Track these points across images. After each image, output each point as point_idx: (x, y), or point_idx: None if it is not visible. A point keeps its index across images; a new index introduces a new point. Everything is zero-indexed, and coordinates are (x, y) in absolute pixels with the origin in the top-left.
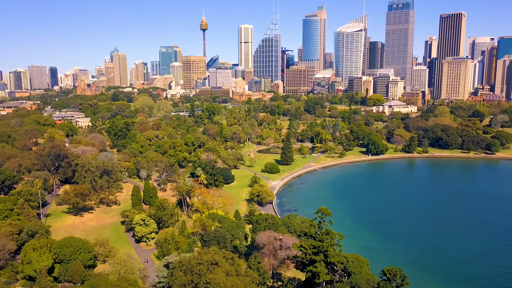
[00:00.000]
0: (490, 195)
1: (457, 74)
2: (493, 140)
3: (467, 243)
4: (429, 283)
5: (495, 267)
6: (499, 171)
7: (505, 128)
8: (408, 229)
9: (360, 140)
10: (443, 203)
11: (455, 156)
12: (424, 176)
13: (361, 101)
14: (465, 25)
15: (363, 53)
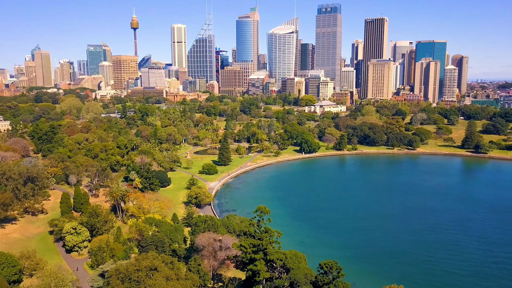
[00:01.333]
0: (413, 187)
1: (381, 75)
2: (414, 136)
3: (396, 234)
4: (363, 273)
5: (421, 253)
6: (419, 164)
7: (424, 125)
8: (342, 223)
9: (294, 139)
10: (372, 197)
11: (381, 152)
12: (354, 171)
13: (294, 101)
14: (387, 29)
15: (295, 55)
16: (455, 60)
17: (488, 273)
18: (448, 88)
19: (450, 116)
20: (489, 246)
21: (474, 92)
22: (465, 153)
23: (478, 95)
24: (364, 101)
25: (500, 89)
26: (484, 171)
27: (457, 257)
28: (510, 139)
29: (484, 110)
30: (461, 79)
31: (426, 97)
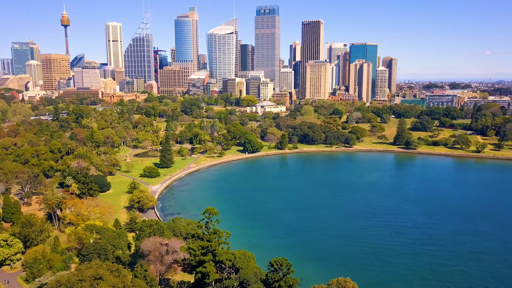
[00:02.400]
0: (351, 182)
1: (318, 76)
2: (350, 134)
3: (338, 228)
4: (311, 268)
5: (364, 245)
6: (356, 161)
7: (359, 124)
8: (287, 221)
9: (237, 140)
10: (314, 193)
11: (321, 150)
12: (296, 169)
13: (235, 101)
14: (323, 31)
15: (235, 55)
16: (386, 62)
17: (423, 261)
18: (380, 88)
19: (382, 114)
20: (423, 233)
21: (403, 92)
22: (397, 149)
23: (407, 94)
24: (303, 101)
25: (425, 89)
26: (413, 165)
27: (397, 245)
28: (435, 135)
29: (413, 109)
30: (391, 79)
31: (360, 97)
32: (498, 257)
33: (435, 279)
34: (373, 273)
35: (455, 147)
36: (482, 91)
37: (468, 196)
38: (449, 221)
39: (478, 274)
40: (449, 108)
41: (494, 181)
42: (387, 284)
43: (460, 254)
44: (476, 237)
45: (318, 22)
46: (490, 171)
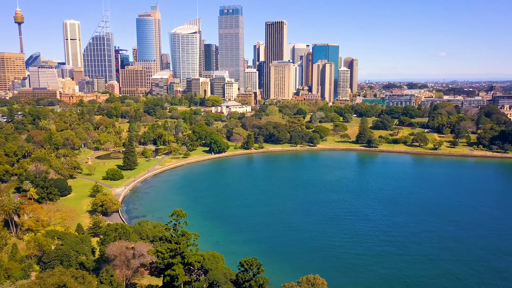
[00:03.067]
0: (316, 181)
1: (282, 76)
2: (314, 134)
3: (305, 225)
4: (280, 266)
5: (329, 241)
6: (320, 160)
7: (323, 123)
8: (255, 220)
9: (203, 140)
10: (280, 192)
11: (286, 149)
12: (262, 169)
13: (200, 102)
14: (286, 32)
15: (199, 55)
16: (347, 62)
17: (386, 251)
18: (342, 88)
19: (345, 114)
20: (384, 228)
21: (364, 92)
22: (359, 148)
23: (367, 94)
24: (268, 101)
25: (385, 89)
26: (375, 163)
27: (360, 241)
28: (395, 133)
29: (373, 108)
30: (352, 79)
31: (323, 97)
32: (457, 245)
33: (397, 272)
34: (340, 269)
35: (414, 145)
36: (437, 91)
37: (426, 192)
38: (409, 216)
39: (419, 252)
40: (408, 107)
41: (449, 177)
42: (355, 279)
43: (416, 249)
44: (431, 233)
45: (281, 22)
46: (446, 167)
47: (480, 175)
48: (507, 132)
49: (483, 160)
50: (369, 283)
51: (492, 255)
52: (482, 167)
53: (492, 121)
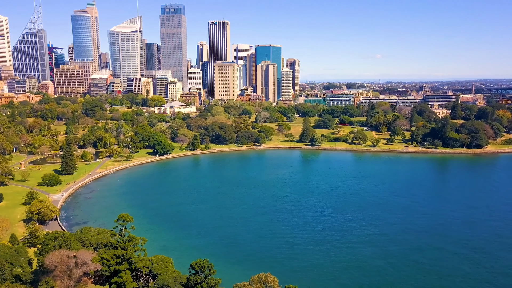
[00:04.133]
0: (261, 180)
1: (227, 76)
2: (260, 133)
3: (253, 225)
4: (231, 267)
5: (278, 239)
6: (266, 159)
7: (267, 123)
8: (202, 221)
9: (146, 142)
10: (228, 192)
11: (232, 149)
12: (209, 170)
13: (142, 102)
14: (229, 32)
15: (140, 54)
16: (289, 63)
17: (333, 246)
18: (285, 88)
19: (288, 114)
20: (328, 223)
21: (305, 92)
22: (303, 146)
23: (309, 94)
24: (213, 102)
25: (325, 89)
26: (318, 161)
27: (308, 235)
28: (336, 132)
29: (315, 108)
30: (294, 80)
31: (267, 97)
32: (389, 238)
33: (345, 262)
34: (290, 266)
35: (354, 143)
36: (374, 91)
37: (366, 187)
38: (349, 211)
39: (364, 244)
40: (347, 107)
41: (387, 172)
42: (304, 274)
43: (357, 237)
44: (371, 224)
45: (224, 23)
46: (384, 163)
47: (414, 169)
48: (436, 130)
49: (417, 155)
50: (317, 276)
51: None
52: (416, 162)
53: (424, 119)
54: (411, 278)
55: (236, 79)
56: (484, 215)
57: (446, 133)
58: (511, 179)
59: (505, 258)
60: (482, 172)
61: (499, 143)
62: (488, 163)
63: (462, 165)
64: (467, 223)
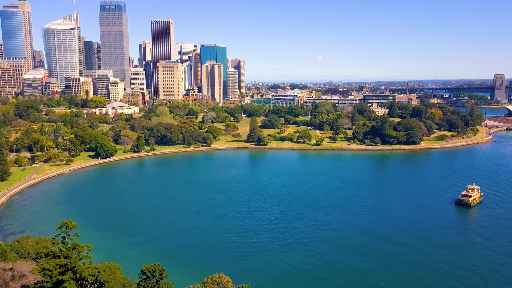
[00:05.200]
0: (209, 181)
1: (171, 76)
2: (207, 134)
3: (202, 227)
4: (183, 269)
5: (229, 240)
6: (214, 159)
7: (215, 123)
8: (148, 226)
9: (87, 144)
10: (175, 194)
11: (179, 151)
12: (154, 172)
13: (82, 103)
14: (173, 31)
15: (78, 53)
16: (235, 64)
17: (284, 238)
18: (231, 89)
19: (235, 114)
20: (277, 222)
21: (251, 93)
22: (251, 146)
23: (255, 95)
24: (157, 102)
25: (270, 89)
26: (266, 160)
27: (259, 234)
28: (282, 131)
29: (261, 108)
30: (240, 80)
31: (213, 97)
32: (329, 226)
33: (299, 260)
34: (242, 266)
35: (299, 141)
36: (317, 91)
37: (312, 184)
38: (298, 209)
39: (315, 241)
40: (292, 107)
41: (331, 169)
42: (256, 273)
43: (307, 235)
44: (320, 222)
45: (167, 22)
46: (328, 160)
47: (356, 166)
48: (376, 128)
49: (358, 152)
50: (269, 275)
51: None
52: (357, 159)
53: (364, 118)
54: (363, 276)
55: (181, 79)
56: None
57: (385, 131)
58: (440, 172)
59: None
60: (416, 167)
61: (432, 140)
62: (423, 158)
63: (399, 161)
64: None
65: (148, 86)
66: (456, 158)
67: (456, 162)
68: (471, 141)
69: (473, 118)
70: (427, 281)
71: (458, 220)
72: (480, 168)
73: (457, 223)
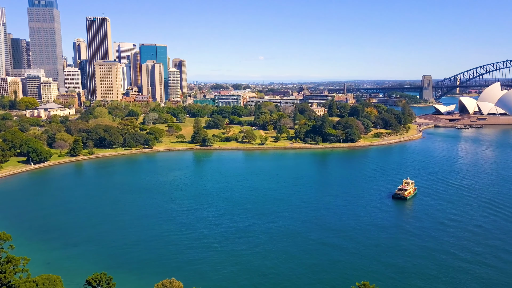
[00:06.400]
0: (153, 184)
1: (109, 76)
2: (149, 135)
3: (143, 230)
4: (129, 277)
5: (170, 241)
6: (158, 162)
7: (157, 124)
8: (93, 232)
9: (18, 149)
10: (117, 199)
11: (120, 153)
12: (93, 176)
13: (10, 105)
14: (110, 30)
15: (4, 51)
16: (176, 63)
17: (233, 239)
18: (173, 89)
19: (178, 114)
20: (226, 224)
21: (194, 93)
22: (195, 147)
23: (197, 95)
24: (94, 103)
25: (213, 89)
26: (211, 161)
27: (208, 237)
28: (227, 132)
29: (205, 108)
30: (182, 80)
31: (154, 98)
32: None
33: (249, 265)
34: (193, 270)
35: (244, 141)
36: (259, 92)
37: (258, 183)
38: (244, 209)
39: (259, 238)
40: (236, 107)
41: (275, 168)
42: (208, 277)
43: (256, 235)
44: (269, 222)
45: (104, 19)
46: (271, 160)
47: (298, 164)
48: (317, 127)
49: (301, 151)
50: (220, 279)
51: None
52: (300, 157)
53: (305, 117)
54: (308, 269)
55: (119, 79)
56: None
57: (325, 130)
58: (377, 168)
59: None
60: (356, 163)
61: (369, 137)
62: (361, 155)
63: (339, 158)
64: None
65: (84, 87)
66: (391, 154)
67: (392, 158)
68: (404, 138)
69: (405, 116)
70: (367, 270)
71: (395, 213)
72: (413, 163)
73: (394, 216)
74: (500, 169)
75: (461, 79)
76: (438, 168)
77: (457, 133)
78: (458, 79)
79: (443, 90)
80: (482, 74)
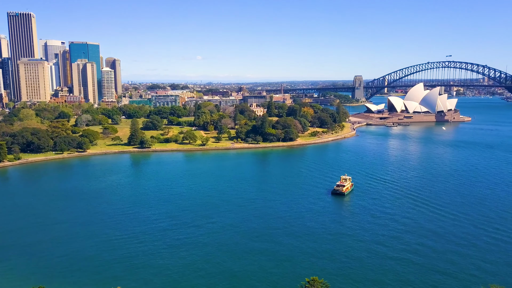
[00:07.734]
0: (88, 190)
1: (36, 75)
2: (83, 138)
3: (81, 240)
4: None
5: (116, 248)
6: (93, 166)
7: (90, 126)
8: (24, 244)
9: None
10: (45, 207)
11: (50, 158)
12: (19, 184)
13: None
14: (35, 26)
15: None
16: (109, 63)
17: (176, 243)
18: (107, 89)
19: (113, 116)
20: (165, 225)
21: (129, 93)
22: (133, 149)
23: (133, 95)
24: (19, 105)
25: (149, 89)
26: (150, 163)
27: (149, 242)
28: (166, 133)
29: (142, 109)
30: (116, 80)
31: (87, 98)
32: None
33: (191, 264)
34: (135, 276)
35: (184, 143)
36: (198, 92)
37: (197, 184)
38: (184, 212)
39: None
40: (174, 107)
41: (216, 169)
42: (152, 282)
43: (201, 235)
44: (212, 223)
45: (28, 15)
46: (213, 160)
47: (240, 164)
48: (257, 127)
49: (242, 151)
50: (165, 282)
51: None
52: (242, 157)
53: (246, 117)
54: (262, 273)
55: (47, 79)
56: None
57: (265, 130)
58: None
59: None
60: (295, 162)
61: (306, 136)
62: (299, 154)
63: (279, 157)
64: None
65: (6, 87)
66: (328, 152)
67: (328, 156)
68: (339, 136)
69: (340, 115)
70: (315, 266)
71: (334, 208)
72: (349, 159)
73: (333, 211)
74: (425, 163)
75: (389, 79)
76: (370, 164)
77: (387, 130)
78: (386, 79)
79: (373, 90)
80: (408, 75)
